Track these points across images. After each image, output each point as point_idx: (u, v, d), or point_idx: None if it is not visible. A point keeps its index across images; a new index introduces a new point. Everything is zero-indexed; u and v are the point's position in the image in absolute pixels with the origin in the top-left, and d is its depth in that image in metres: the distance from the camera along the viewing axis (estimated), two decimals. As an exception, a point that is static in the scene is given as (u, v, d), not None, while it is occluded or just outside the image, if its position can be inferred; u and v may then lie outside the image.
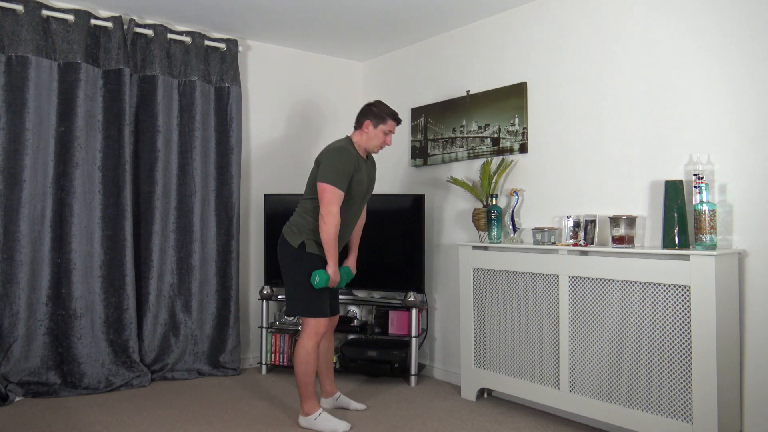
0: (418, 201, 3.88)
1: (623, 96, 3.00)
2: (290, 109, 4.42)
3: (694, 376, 2.46)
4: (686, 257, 2.50)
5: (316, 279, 2.85)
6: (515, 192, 3.43)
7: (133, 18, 3.68)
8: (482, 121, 3.68)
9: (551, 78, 3.33)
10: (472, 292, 3.43)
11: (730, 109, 2.61)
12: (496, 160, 3.59)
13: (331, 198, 2.83)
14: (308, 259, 2.91)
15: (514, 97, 3.50)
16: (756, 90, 2.53)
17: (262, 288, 4.02)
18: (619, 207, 3.00)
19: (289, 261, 2.94)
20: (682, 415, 2.51)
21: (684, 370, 2.51)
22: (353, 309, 4.17)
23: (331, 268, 2.89)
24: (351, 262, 3.22)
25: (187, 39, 3.85)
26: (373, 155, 3.44)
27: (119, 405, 3.24)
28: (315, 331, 2.91)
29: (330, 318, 3.15)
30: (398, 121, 3.06)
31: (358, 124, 3.04)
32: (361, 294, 4.21)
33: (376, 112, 3.00)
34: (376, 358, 3.78)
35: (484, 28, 3.74)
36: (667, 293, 2.56)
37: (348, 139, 3.03)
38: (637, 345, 2.66)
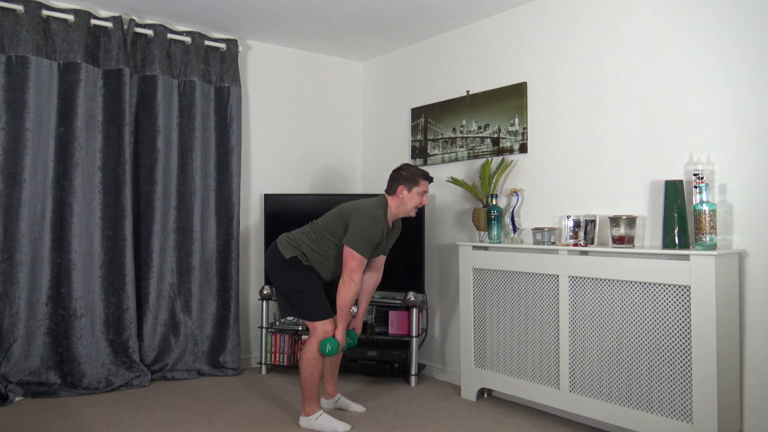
0: (418, 201, 3.87)
1: (623, 96, 3.00)
2: (290, 109, 4.42)
3: (694, 376, 2.45)
4: (686, 257, 2.50)
5: (328, 347, 2.89)
6: (515, 192, 3.43)
7: (133, 18, 3.68)
8: (482, 121, 3.68)
9: (551, 78, 3.33)
10: (472, 292, 3.43)
11: (730, 109, 2.61)
12: (496, 160, 3.59)
13: (357, 266, 2.87)
14: (300, 266, 2.94)
15: (514, 97, 3.50)
16: (756, 90, 2.53)
17: (262, 288, 4.02)
18: (619, 207, 3.00)
19: (280, 268, 2.95)
20: (682, 415, 2.51)
21: (684, 370, 2.51)
22: (353, 309, 4.16)
23: (340, 333, 2.94)
24: (357, 324, 3.22)
25: (187, 39, 3.85)
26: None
27: (119, 405, 3.24)
28: (323, 334, 2.92)
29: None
30: (430, 180, 3.03)
31: (391, 191, 3.00)
32: (361, 294, 4.21)
33: (407, 176, 2.97)
34: (376, 358, 3.78)
35: (484, 28, 3.74)
36: (667, 293, 2.56)
37: (384, 203, 2.99)
38: (637, 345, 2.66)
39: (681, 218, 2.62)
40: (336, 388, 3.25)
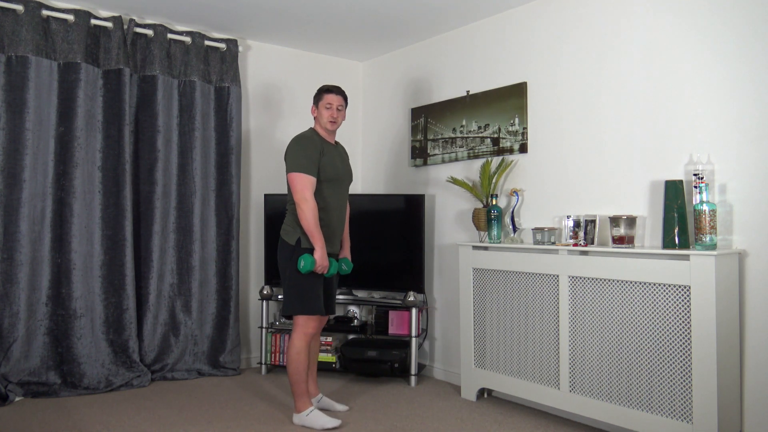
0: (418, 201, 3.88)
1: (623, 96, 3.00)
2: (290, 109, 4.42)
3: (694, 376, 2.45)
4: (686, 257, 2.50)
5: (302, 263, 2.83)
6: (515, 192, 3.43)
7: (133, 18, 3.68)
8: (482, 121, 3.68)
9: (551, 78, 3.33)
10: (472, 292, 3.43)
11: (730, 108, 2.61)
12: (496, 160, 3.59)
13: (302, 185, 2.86)
14: (301, 254, 2.90)
15: (514, 97, 3.50)
16: (756, 89, 2.53)
17: (262, 288, 4.02)
18: (619, 207, 3.00)
19: (286, 260, 2.95)
20: (682, 415, 2.51)
21: (684, 370, 2.51)
22: (353, 309, 4.17)
23: (318, 252, 2.86)
24: (347, 252, 3.22)
25: (187, 39, 3.85)
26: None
27: (119, 405, 3.24)
28: (304, 330, 2.93)
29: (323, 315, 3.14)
30: (331, 90, 3.06)
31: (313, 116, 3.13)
32: (361, 294, 4.21)
33: (314, 96, 3.11)
34: (376, 358, 3.78)
35: (484, 28, 3.74)
36: (667, 293, 2.56)
37: (311, 129, 3.10)
38: (637, 345, 2.66)
39: (681, 218, 2.62)
40: (316, 387, 3.23)
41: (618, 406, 2.72)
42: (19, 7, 3.29)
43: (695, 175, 2.60)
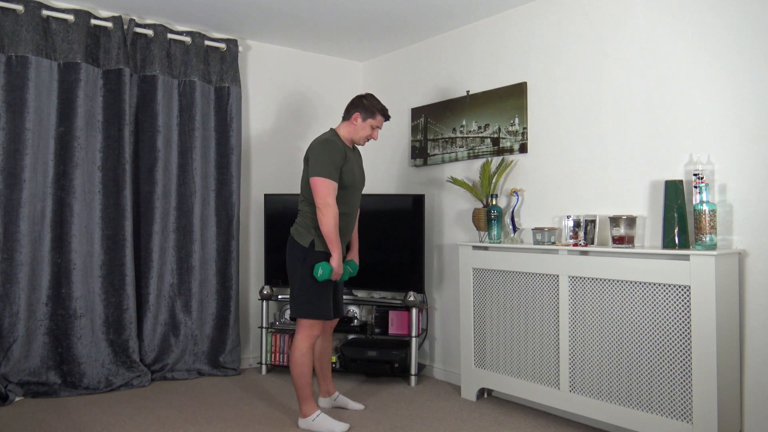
0: (418, 201, 3.88)
1: (623, 96, 3.00)
2: (290, 109, 4.42)
3: (694, 376, 2.46)
4: (686, 257, 2.50)
5: (319, 271, 2.82)
6: (515, 192, 3.43)
7: (133, 18, 3.68)
8: (482, 121, 3.68)
9: (551, 78, 3.33)
10: (472, 292, 3.43)
11: (730, 108, 2.61)
12: (496, 160, 3.59)
13: (326, 190, 2.83)
14: (316, 257, 2.88)
15: (514, 97, 3.50)
16: (757, 89, 2.53)
17: (262, 288, 4.02)
18: (619, 207, 3.00)
19: (296, 261, 2.92)
20: (682, 415, 2.51)
21: (684, 370, 2.51)
22: (353, 309, 4.17)
23: (335, 260, 2.85)
24: (354, 255, 3.22)
25: (187, 39, 3.85)
26: (362, 150, 3.45)
27: (119, 405, 3.24)
28: (308, 333, 2.90)
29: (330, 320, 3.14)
30: (387, 118, 3.08)
31: (347, 115, 3.04)
32: (361, 294, 4.21)
33: (366, 106, 3.02)
34: (376, 358, 3.78)
35: (484, 28, 3.74)
36: (667, 293, 2.56)
37: (333, 131, 3.04)
38: (637, 345, 2.66)
39: (681, 218, 2.62)
40: (332, 385, 3.25)
41: (618, 406, 2.72)
42: (19, 7, 3.29)
43: (695, 175, 2.60)
